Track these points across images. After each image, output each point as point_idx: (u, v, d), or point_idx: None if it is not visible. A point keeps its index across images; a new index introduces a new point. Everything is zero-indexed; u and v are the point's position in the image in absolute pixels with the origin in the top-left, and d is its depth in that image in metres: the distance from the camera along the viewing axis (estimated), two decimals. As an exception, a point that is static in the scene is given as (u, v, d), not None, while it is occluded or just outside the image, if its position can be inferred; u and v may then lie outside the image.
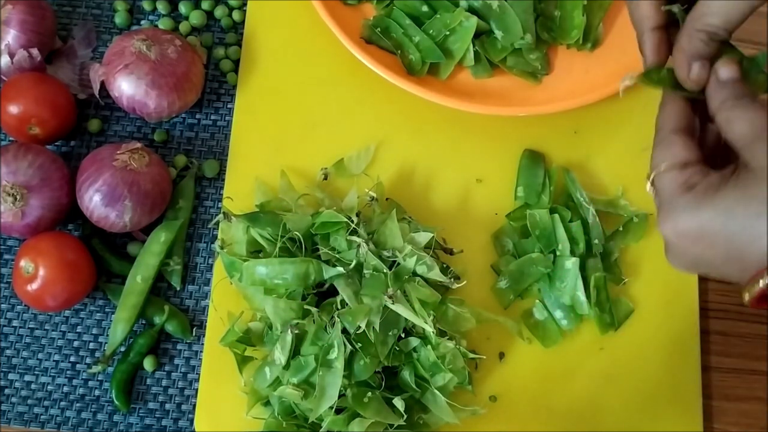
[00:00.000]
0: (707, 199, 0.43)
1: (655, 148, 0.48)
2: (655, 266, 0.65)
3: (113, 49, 0.65)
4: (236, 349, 0.60)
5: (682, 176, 0.45)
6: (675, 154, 0.46)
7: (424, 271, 0.58)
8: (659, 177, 0.46)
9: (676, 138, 0.47)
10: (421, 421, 0.59)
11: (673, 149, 0.46)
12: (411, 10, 0.69)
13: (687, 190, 0.44)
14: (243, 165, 0.67)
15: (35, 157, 0.61)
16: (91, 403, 0.62)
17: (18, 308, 0.64)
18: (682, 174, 0.45)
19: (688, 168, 0.46)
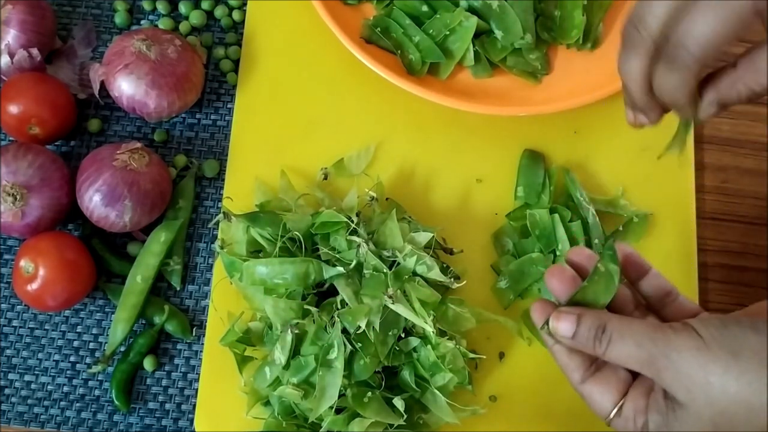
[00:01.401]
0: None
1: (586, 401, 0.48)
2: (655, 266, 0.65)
3: (113, 49, 0.65)
4: (236, 349, 0.60)
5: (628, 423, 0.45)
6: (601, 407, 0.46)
7: (424, 271, 0.58)
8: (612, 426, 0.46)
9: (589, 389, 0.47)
10: (421, 421, 0.59)
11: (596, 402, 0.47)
12: (411, 10, 0.69)
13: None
14: (243, 165, 0.67)
15: (35, 157, 0.61)
16: (91, 403, 0.62)
17: (18, 308, 0.64)
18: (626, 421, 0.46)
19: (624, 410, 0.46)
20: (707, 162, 0.69)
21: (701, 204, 0.68)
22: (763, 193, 0.69)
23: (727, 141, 0.70)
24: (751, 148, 0.70)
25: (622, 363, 0.45)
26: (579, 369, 0.47)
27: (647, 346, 0.43)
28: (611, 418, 0.46)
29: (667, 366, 0.43)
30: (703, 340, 0.42)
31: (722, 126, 0.71)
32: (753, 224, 0.68)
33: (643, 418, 0.45)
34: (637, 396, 0.46)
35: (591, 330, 0.45)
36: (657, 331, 0.44)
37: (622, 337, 0.44)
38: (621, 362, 0.45)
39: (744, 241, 0.68)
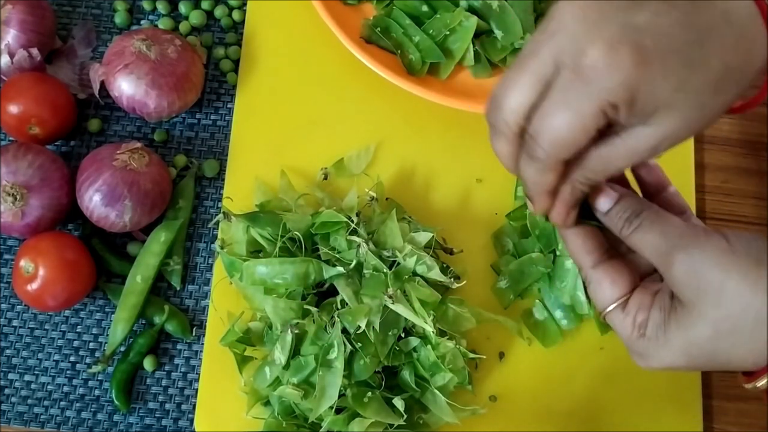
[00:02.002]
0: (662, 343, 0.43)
1: (588, 288, 0.47)
2: (655, 266, 0.65)
3: (113, 49, 0.65)
4: (236, 349, 0.60)
5: (627, 318, 0.45)
6: (607, 295, 0.46)
7: (424, 271, 0.58)
8: (608, 320, 0.46)
9: (599, 275, 0.46)
10: (421, 421, 0.59)
11: (603, 290, 0.46)
12: (411, 10, 0.69)
13: (640, 335, 0.45)
14: (243, 165, 0.67)
15: (35, 157, 0.61)
16: (91, 402, 0.62)
17: (18, 308, 0.64)
18: (626, 316, 0.45)
19: (629, 304, 0.45)
20: (707, 162, 0.69)
21: (701, 204, 0.68)
22: (763, 193, 0.69)
23: (727, 141, 0.70)
24: (751, 148, 0.70)
25: (641, 249, 0.44)
26: (593, 252, 0.47)
27: (673, 238, 0.42)
28: (610, 310, 0.46)
29: (684, 261, 0.42)
30: (729, 245, 0.41)
31: (722, 126, 0.71)
32: (753, 224, 0.68)
33: (645, 314, 0.44)
34: (643, 293, 0.45)
35: (626, 211, 0.44)
36: (689, 227, 0.43)
37: (652, 225, 0.43)
38: (641, 248, 0.44)
39: (744, 241, 0.68)
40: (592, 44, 0.37)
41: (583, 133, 0.39)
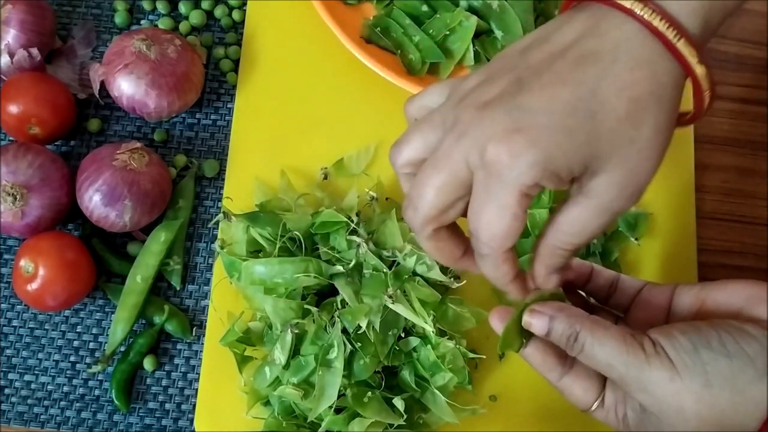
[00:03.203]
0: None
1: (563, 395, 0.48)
2: (655, 266, 0.65)
3: (113, 49, 0.65)
4: (236, 348, 0.60)
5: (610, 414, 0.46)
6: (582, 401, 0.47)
7: (424, 271, 0.58)
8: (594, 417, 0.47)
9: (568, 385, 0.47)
10: (421, 421, 0.59)
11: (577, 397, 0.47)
12: (411, 10, 0.69)
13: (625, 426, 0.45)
14: (243, 165, 0.67)
15: (35, 156, 0.61)
16: (91, 402, 0.62)
17: (18, 308, 0.64)
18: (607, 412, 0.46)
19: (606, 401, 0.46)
20: (707, 162, 0.69)
21: (701, 204, 0.68)
22: (763, 193, 0.69)
23: (727, 141, 0.70)
24: (751, 148, 0.70)
25: (594, 368, 0.45)
26: (555, 368, 0.47)
27: (620, 367, 0.43)
28: (594, 410, 0.46)
29: (639, 388, 0.43)
30: (676, 370, 0.42)
31: (722, 126, 0.71)
32: (753, 224, 0.68)
33: (623, 408, 0.45)
34: (616, 386, 0.46)
35: (563, 335, 0.45)
36: (630, 352, 0.43)
37: (593, 350, 0.44)
38: (594, 368, 0.45)
39: (744, 241, 0.68)
40: (489, 142, 0.39)
41: (516, 221, 0.40)
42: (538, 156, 0.38)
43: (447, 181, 0.41)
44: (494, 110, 0.39)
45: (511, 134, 0.38)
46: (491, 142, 0.39)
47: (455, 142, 0.40)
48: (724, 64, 0.73)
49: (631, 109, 0.39)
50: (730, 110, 0.71)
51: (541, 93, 0.39)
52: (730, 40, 0.73)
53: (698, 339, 0.42)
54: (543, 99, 0.39)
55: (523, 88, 0.39)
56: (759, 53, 0.73)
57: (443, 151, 0.41)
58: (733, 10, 0.42)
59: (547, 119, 0.38)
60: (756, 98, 0.72)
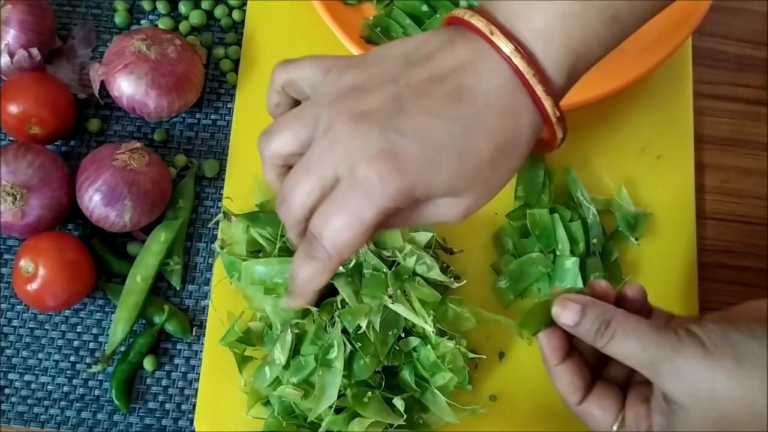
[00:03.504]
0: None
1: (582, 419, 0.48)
2: (655, 266, 0.65)
3: (113, 49, 0.65)
4: (236, 348, 0.60)
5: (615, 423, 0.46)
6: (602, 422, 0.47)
7: (424, 271, 0.58)
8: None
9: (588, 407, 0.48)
10: (421, 421, 0.59)
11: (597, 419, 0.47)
12: (411, 10, 0.69)
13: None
14: (243, 165, 0.67)
15: (35, 156, 0.61)
16: (91, 402, 0.62)
17: (18, 308, 0.64)
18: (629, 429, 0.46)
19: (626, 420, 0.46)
20: (707, 162, 0.69)
21: (701, 204, 0.68)
22: (763, 193, 0.69)
23: (727, 141, 0.70)
24: (751, 148, 0.70)
25: (621, 359, 0.45)
26: (579, 391, 0.48)
27: (652, 349, 0.44)
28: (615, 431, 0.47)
29: (670, 371, 0.43)
30: (707, 348, 0.42)
31: (722, 126, 0.71)
32: (753, 224, 0.68)
33: (647, 422, 0.46)
34: (635, 404, 0.47)
35: (594, 324, 0.45)
36: (662, 335, 0.44)
37: (627, 336, 0.44)
38: (621, 358, 0.45)
39: (744, 241, 0.68)
40: (362, 159, 0.40)
41: (365, 235, 0.41)
42: (405, 184, 0.40)
43: (316, 185, 0.42)
44: (370, 127, 0.41)
45: (384, 158, 0.40)
46: (364, 160, 0.40)
47: (327, 148, 0.41)
48: (724, 64, 0.73)
49: (494, 154, 0.41)
50: (730, 110, 0.71)
51: (417, 121, 0.41)
52: (730, 40, 0.73)
53: (727, 325, 0.43)
54: (418, 128, 0.40)
55: (401, 110, 0.41)
56: (759, 53, 0.73)
57: (315, 156, 0.42)
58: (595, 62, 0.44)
59: (419, 151, 0.40)
60: (756, 98, 0.72)
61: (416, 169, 0.40)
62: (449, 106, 0.41)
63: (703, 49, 0.72)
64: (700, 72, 0.71)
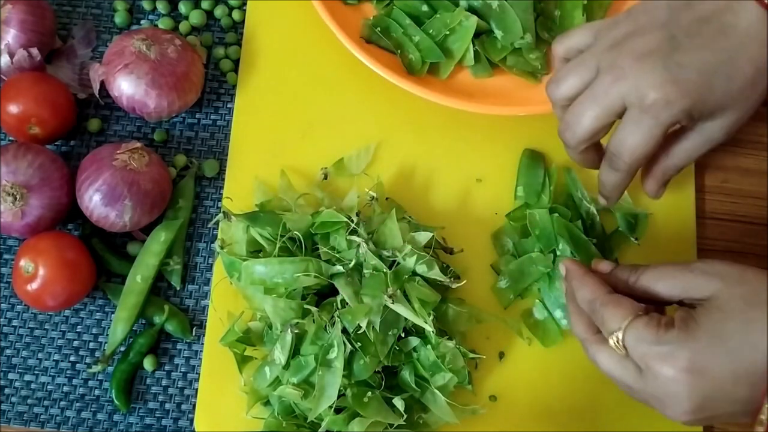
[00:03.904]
0: (692, 331, 0.46)
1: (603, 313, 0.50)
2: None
3: (113, 49, 0.65)
4: (236, 348, 0.60)
5: (652, 320, 0.48)
6: (630, 306, 0.50)
7: (424, 271, 0.58)
8: (629, 332, 0.48)
9: (617, 296, 0.51)
10: (421, 421, 0.59)
11: (623, 304, 0.50)
12: (411, 10, 0.69)
13: (666, 328, 0.47)
14: (243, 165, 0.67)
15: (35, 156, 0.61)
16: (91, 402, 0.62)
17: (18, 308, 0.64)
18: (650, 319, 0.48)
19: (650, 312, 0.49)
20: (707, 162, 0.69)
21: (701, 204, 0.68)
22: (763, 193, 0.69)
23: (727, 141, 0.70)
24: (751, 148, 0.70)
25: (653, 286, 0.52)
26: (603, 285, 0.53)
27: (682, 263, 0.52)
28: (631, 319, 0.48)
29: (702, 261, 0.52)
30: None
31: (722, 126, 0.71)
32: (753, 224, 0.68)
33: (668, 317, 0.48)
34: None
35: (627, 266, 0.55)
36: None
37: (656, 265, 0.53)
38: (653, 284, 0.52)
39: (744, 241, 0.68)
40: (651, 88, 0.49)
41: (654, 145, 0.51)
42: (686, 104, 0.49)
43: (603, 112, 0.52)
44: (654, 62, 0.50)
45: (669, 85, 0.49)
46: (653, 88, 0.49)
47: (614, 82, 0.51)
48: None
49: (755, 75, 0.50)
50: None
51: (693, 54, 0.50)
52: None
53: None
54: (694, 59, 0.49)
55: (677, 48, 0.50)
56: (759, 53, 0.73)
57: (602, 88, 0.51)
58: None
59: (697, 77, 0.49)
60: (756, 98, 0.72)
61: (695, 91, 0.49)
62: (717, 40, 0.50)
63: None
64: (700, 72, 0.71)
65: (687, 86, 0.49)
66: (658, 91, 0.49)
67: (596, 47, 0.53)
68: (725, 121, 0.52)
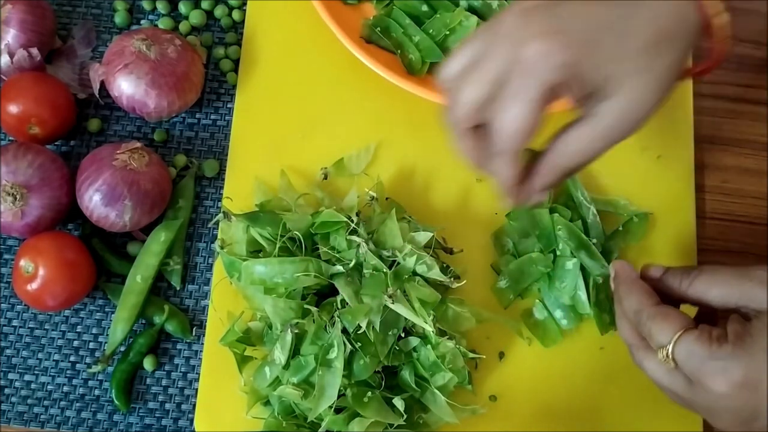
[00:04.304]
0: (747, 346, 0.44)
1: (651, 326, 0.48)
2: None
3: (113, 49, 0.65)
4: (236, 348, 0.60)
5: (703, 334, 0.46)
6: (678, 319, 0.47)
7: (424, 271, 0.58)
8: (679, 346, 0.47)
9: (667, 308, 0.49)
10: (421, 421, 0.59)
11: (672, 317, 0.48)
12: (411, 10, 0.69)
13: (720, 343, 0.45)
14: (243, 165, 0.67)
15: (35, 156, 0.61)
16: (91, 402, 0.62)
17: (18, 308, 0.64)
18: (701, 332, 0.46)
19: (699, 326, 0.47)
20: (707, 162, 0.69)
21: (701, 204, 0.68)
22: (763, 193, 0.69)
23: (727, 141, 0.70)
24: (751, 148, 0.70)
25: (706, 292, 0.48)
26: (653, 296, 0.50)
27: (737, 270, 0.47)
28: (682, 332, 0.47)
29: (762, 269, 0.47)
30: None
31: (722, 126, 0.71)
32: (753, 224, 0.68)
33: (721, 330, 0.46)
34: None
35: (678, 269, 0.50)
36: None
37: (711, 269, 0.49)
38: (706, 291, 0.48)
39: (744, 241, 0.68)
40: (527, 40, 0.43)
41: (536, 116, 0.44)
42: (567, 58, 0.42)
43: (485, 78, 0.44)
44: (535, 14, 0.43)
45: (549, 35, 0.42)
46: (529, 40, 0.42)
47: (498, 43, 0.44)
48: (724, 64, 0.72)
49: (656, 39, 0.43)
50: (730, 110, 0.71)
51: (579, 6, 0.43)
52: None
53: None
54: (582, 11, 0.43)
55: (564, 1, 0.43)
56: (759, 53, 0.73)
57: (487, 52, 0.45)
58: None
59: (583, 29, 0.43)
60: (756, 98, 0.72)
61: (579, 44, 0.42)
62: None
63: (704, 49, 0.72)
64: (700, 72, 0.71)
65: (569, 37, 0.42)
66: (537, 41, 0.42)
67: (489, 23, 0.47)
68: (623, 101, 0.44)
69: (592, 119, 0.45)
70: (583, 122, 0.46)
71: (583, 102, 0.45)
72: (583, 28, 0.43)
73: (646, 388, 0.62)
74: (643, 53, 0.43)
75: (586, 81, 0.43)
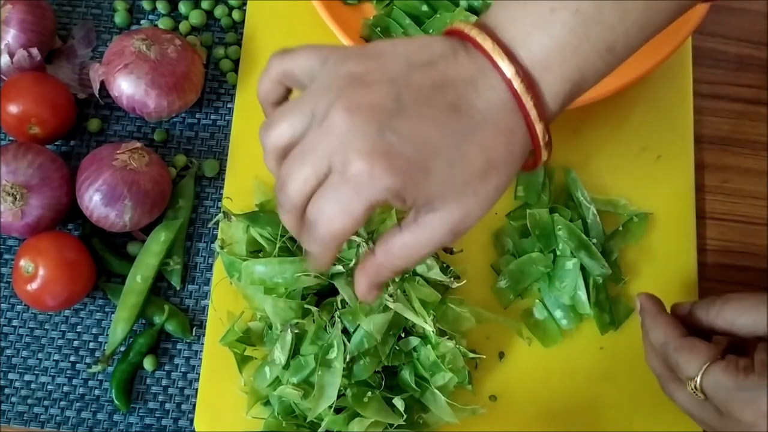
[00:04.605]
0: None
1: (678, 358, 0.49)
2: (655, 266, 0.65)
3: (113, 49, 0.65)
4: (236, 348, 0.60)
5: (730, 365, 0.47)
6: (705, 351, 0.48)
7: (424, 271, 0.58)
8: (707, 378, 0.47)
9: (693, 339, 0.49)
10: (421, 421, 0.59)
11: (698, 349, 0.48)
12: (411, 10, 0.69)
13: (746, 374, 0.46)
14: (243, 165, 0.67)
15: (35, 156, 0.61)
16: (91, 402, 0.62)
17: (18, 308, 0.64)
18: (728, 363, 0.47)
19: (726, 357, 0.47)
20: (707, 162, 0.69)
21: (701, 204, 0.68)
22: (763, 193, 0.69)
23: (727, 141, 0.70)
24: (751, 148, 0.70)
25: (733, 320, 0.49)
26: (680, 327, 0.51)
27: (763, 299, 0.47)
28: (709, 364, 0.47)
29: None
30: None
31: (722, 126, 0.71)
32: (753, 224, 0.68)
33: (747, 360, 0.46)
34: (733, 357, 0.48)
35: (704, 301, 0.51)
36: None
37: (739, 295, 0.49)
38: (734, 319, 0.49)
39: (744, 241, 0.68)
40: (355, 156, 0.40)
41: (354, 224, 0.42)
42: (394, 184, 0.40)
43: (312, 173, 0.42)
44: (368, 122, 0.40)
45: (377, 157, 0.40)
46: (357, 156, 0.40)
47: (322, 138, 0.41)
48: (724, 64, 0.73)
49: (484, 168, 0.42)
50: (730, 110, 0.71)
51: (415, 125, 0.41)
52: (730, 40, 0.73)
53: None
54: (415, 132, 0.41)
55: (400, 112, 0.41)
56: (759, 53, 0.73)
57: (310, 145, 0.42)
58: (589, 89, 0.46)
59: (412, 154, 0.41)
60: (756, 98, 0.72)
61: (407, 170, 0.41)
62: (448, 116, 0.41)
63: (703, 49, 0.72)
64: (700, 72, 0.71)
65: (398, 162, 0.40)
66: (363, 161, 0.40)
67: (315, 86, 0.43)
68: (448, 216, 0.42)
69: (417, 228, 0.43)
70: (407, 230, 0.44)
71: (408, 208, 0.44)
72: (413, 153, 0.41)
73: (645, 388, 0.62)
74: (470, 182, 0.42)
75: (411, 199, 0.42)
